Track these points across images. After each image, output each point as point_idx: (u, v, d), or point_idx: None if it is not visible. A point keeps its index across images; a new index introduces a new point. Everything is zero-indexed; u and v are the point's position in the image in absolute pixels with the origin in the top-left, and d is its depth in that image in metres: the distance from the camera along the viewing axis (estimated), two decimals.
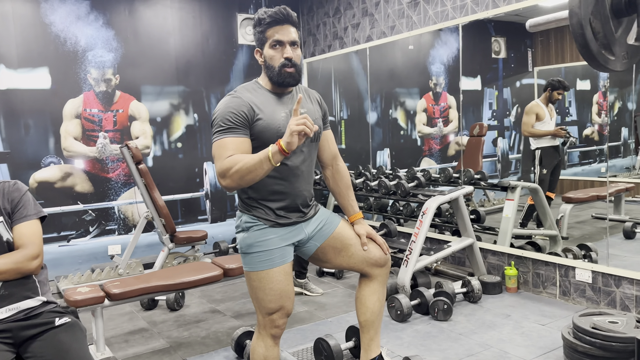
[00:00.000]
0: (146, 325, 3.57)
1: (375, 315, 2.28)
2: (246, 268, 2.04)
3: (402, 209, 5.13)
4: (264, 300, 2.01)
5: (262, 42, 2.00)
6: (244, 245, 2.02)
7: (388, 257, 2.27)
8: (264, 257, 1.99)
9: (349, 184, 2.31)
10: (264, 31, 1.98)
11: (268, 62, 1.99)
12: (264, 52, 2.00)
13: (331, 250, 2.18)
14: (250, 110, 1.93)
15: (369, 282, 2.27)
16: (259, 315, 2.07)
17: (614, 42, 1.68)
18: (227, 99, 1.97)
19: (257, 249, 1.99)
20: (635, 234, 4.21)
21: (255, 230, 2.00)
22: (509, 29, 5.23)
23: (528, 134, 4.61)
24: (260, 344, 2.07)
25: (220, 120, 1.90)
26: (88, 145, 4.84)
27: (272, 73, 1.98)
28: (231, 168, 1.79)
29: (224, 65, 5.56)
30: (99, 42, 4.85)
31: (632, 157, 4.90)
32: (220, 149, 1.86)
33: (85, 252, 4.85)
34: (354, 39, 5.33)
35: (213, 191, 5.56)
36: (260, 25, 1.99)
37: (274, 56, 1.96)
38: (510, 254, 3.99)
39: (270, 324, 2.04)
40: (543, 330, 3.15)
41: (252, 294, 2.05)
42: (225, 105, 1.94)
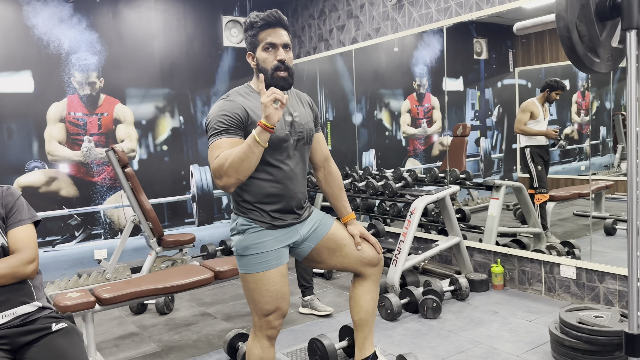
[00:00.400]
0: (136, 329, 3.55)
1: (369, 314, 2.31)
2: (242, 270, 2.05)
3: (389, 209, 5.18)
4: (260, 302, 2.02)
5: (255, 46, 2.01)
6: (240, 248, 2.03)
7: (381, 256, 2.30)
8: (260, 259, 2.00)
9: (341, 186, 2.34)
10: (256, 34, 1.99)
11: (261, 65, 1.99)
12: (257, 56, 2.01)
13: (325, 251, 2.21)
14: (244, 113, 1.94)
15: (362, 282, 2.30)
16: (254, 316, 2.08)
17: (598, 45, 1.73)
18: (220, 103, 1.98)
19: (253, 251, 2.00)
20: (615, 230, 4.32)
21: (251, 232, 2.01)
22: (491, 31, 5.32)
23: (520, 132, 4.65)
24: (256, 345, 2.09)
25: (214, 124, 1.91)
26: (73, 149, 4.80)
27: (266, 74, 1.98)
28: (224, 164, 1.80)
29: (209, 68, 5.55)
30: (82, 45, 4.81)
31: (610, 155, 5.02)
32: (214, 150, 1.87)
33: (71, 257, 4.81)
34: (339, 40, 5.37)
35: (200, 194, 5.55)
36: (252, 29, 2.00)
37: (267, 59, 1.97)
38: (496, 252, 4.06)
39: (267, 325, 2.06)
40: (530, 326, 3.22)
41: (248, 296, 2.06)
42: (219, 108, 1.95)
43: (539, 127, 4.56)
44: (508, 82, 5.19)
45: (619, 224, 4.33)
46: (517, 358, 2.81)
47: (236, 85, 5.98)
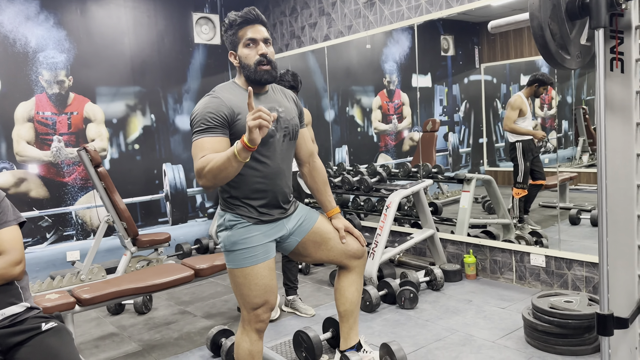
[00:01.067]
0: (115, 330, 3.52)
1: (354, 305, 2.38)
2: (230, 265, 2.08)
3: (363, 204, 5.26)
4: (249, 296, 2.06)
5: (235, 44, 2.05)
6: (228, 243, 2.05)
7: (365, 248, 2.37)
8: (248, 253, 2.04)
9: (325, 180, 2.39)
10: (236, 32, 2.03)
11: (244, 62, 2.02)
12: (239, 53, 2.04)
13: (311, 245, 2.26)
14: (230, 110, 1.95)
15: (347, 274, 2.36)
16: (243, 311, 2.11)
17: (569, 42, 1.81)
18: (206, 100, 1.99)
19: (241, 246, 2.03)
20: (580, 220, 4.51)
21: (239, 228, 2.04)
22: (457, 28, 5.45)
23: (509, 130, 4.72)
24: (245, 339, 2.12)
25: (199, 121, 1.92)
26: (42, 149, 4.70)
27: (249, 72, 2.01)
28: (204, 167, 1.82)
29: (181, 65, 5.51)
30: (50, 43, 4.71)
31: (572, 148, 5.23)
32: (197, 149, 1.89)
33: (42, 260, 4.71)
34: (311, 37, 5.41)
35: (173, 193, 5.51)
36: (231, 28, 2.04)
37: (249, 54, 2.00)
38: (468, 243, 4.19)
39: (255, 319, 2.09)
40: (503, 313, 3.34)
41: (237, 290, 2.09)
42: (204, 105, 1.96)
43: (527, 124, 4.66)
44: (474, 78, 5.34)
45: (583, 214, 4.53)
46: (492, 344, 2.92)
47: (208, 82, 5.95)
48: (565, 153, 5.18)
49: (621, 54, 1.69)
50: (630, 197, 1.64)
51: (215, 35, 5.73)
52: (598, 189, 1.58)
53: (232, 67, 5.87)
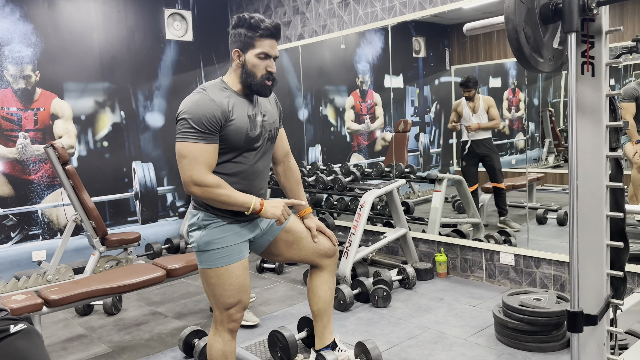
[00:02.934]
0: (84, 331, 3.44)
1: (327, 303, 2.38)
2: (203, 266, 2.05)
3: (337, 203, 5.28)
4: (223, 296, 2.04)
5: (247, 47, 1.98)
6: (201, 243, 2.03)
7: (336, 248, 2.39)
8: (222, 253, 2.02)
9: (299, 180, 2.39)
10: (253, 37, 1.96)
11: (250, 69, 1.99)
12: (247, 57, 1.99)
13: (283, 244, 2.26)
14: (224, 114, 1.92)
15: (319, 273, 2.37)
16: (215, 311, 2.09)
17: (542, 46, 1.86)
18: (198, 98, 1.92)
19: (215, 245, 2.01)
20: (546, 219, 4.63)
21: (214, 227, 2.02)
22: (429, 29, 5.52)
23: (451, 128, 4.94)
24: (217, 340, 2.10)
25: (194, 123, 1.87)
26: (7, 146, 4.55)
27: (252, 80, 1.99)
28: (211, 187, 1.89)
29: (151, 61, 5.42)
30: (15, 37, 4.56)
31: (539, 149, 5.36)
32: (195, 154, 1.87)
33: (6, 260, 4.56)
34: (285, 36, 5.40)
35: (143, 191, 5.41)
36: (251, 30, 1.96)
37: (258, 66, 1.98)
38: (439, 242, 4.25)
39: (228, 319, 2.08)
40: (474, 311, 3.40)
41: (209, 290, 2.07)
42: (197, 105, 1.90)
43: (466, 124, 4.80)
44: (445, 79, 5.42)
45: (550, 214, 4.65)
46: (464, 341, 2.97)
47: (180, 79, 5.87)
48: (532, 154, 5.31)
49: (592, 58, 1.74)
50: (600, 197, 1.68)
51: (188, 31, 5.65)
52: (569, 190, 1.62)
53: (205, 64, 5.80)
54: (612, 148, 1.71)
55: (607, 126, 1.67)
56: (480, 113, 4.78)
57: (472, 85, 4.73)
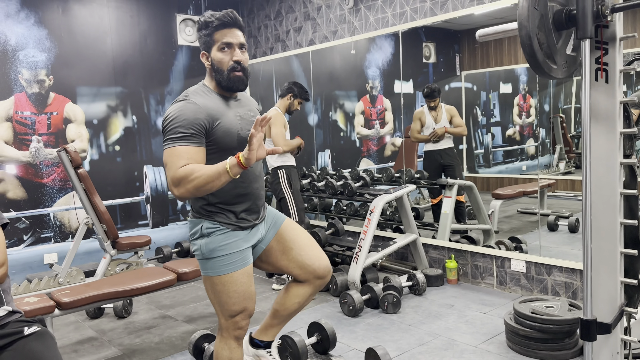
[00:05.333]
0: (94, 334, 3.46)
1: (288, 314, 2.30)
2: (208, 273, 2.02)
3: (346, 208, 5.27)
4: (228, 304, 2.01)
5: (209, 45, 1.96)
6: (206, 251, 1.99)
7: (330, 269, 2.27)
8: (227, 260, 1.99)
9: None
10: (211, 34, 1.95)
11: (216, 66, 1.96)
12: (212, 56, 1.96)
13: (275, 252, 2.21)
14: (208, 118, 1.89)
15: (301, 285, 2.26)
16: (221, 318, 2.07)
17: (555, 52, 1.85)
18: (181, 105, 1.89)
19: (220, 253, 1.98)
20: (558, 226, 4.60)
21: (218, 235, 1.99)
22: (439, 35, 5.52)
23: (414, 139, 4.97)
24: (224, 347, 2.08)
25: (175, 128, 1.83)
26: (20, 149, 4.60)
27: (221, 77, 1.96)
28: (186, 178, 1.76)
29: (163, 66, 5.46)
30: (30, 42, 4.62)
31: (549, 155, 5.33)
32: (174, 157, 1.81)
33: (19, 262, 4.61)
34: (296, 42, 5.42)
35: (154, 195, 5.45)
36: (207, 28, 1.95)
37: (223, 59, 1.95)
38: (450, 248, 4.23)
39: (234, 326, 2.05)
40: (485, 318, 3.38)
41: (215, 298, 2.04)
42: (179, 111, 1.87)
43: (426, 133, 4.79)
44: (455, 85, 5.40)
45: (561, 220, 4.62)
46: (475, 348, 2.95)
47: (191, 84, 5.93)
48: (543, 160, 5.28)
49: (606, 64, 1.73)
50: (614, 204, 1.67)
51: None
52: (583, 197, 1.61)
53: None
54: (626, 155, 1.70)
55: (621, 133, 1.66)
56: (443, 122, 4.78)
57: (437, 95, 4.80)
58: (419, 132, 4.83)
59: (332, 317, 3.51)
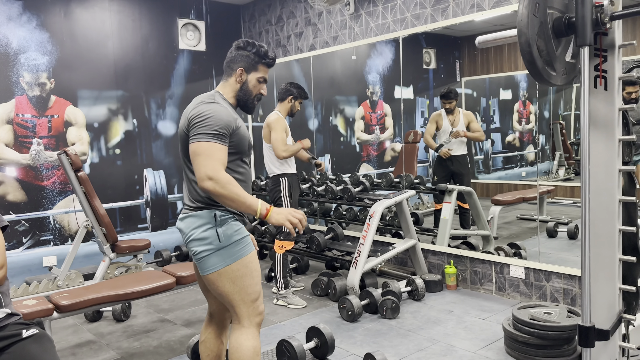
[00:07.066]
0: (93, 337, 3.46)
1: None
2: (227, 262, 2.03)
3: (345, 213, 5.28)
4: (251, 285, 2.06)
5: (251, 69, 2.18)
6: (224, 238, 2.03)
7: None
8: (245, 242, 2.08)
9: None
10: (259, 63, 2.18)
11: (248, 88, 2.19)
12: (248, 78, 2.18)
13: None
14: (234, 123, 2.07)
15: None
16: (242, 308, 2.07)
17: (555, 59, 1.86)
18: (216, 107, 2.05)
19: (238, 236, 2.06)
20: (557, 232, 4.60)
21: (231, 221, 2.07)
22: (439, 41, 5.54)
23: (425, 142, 4.96)
24: (247, 337, 2.07)
25: (212, 124, 1.99)
26: (21, 152, 4.61)
27: (247, 98, 2.20)
28: (225, 183, 1.93)
29: (165, 70, 5.48)
30: (32, 45, 4.64)
31: (549, 162, 5.34)
32: (213, 151, 1.97)
33: (18, 265, 4.60)
34: (297, 47, 5.44)
35: (154, 199, 5.45)
36: (257, 56, 2.17)
37: (256, 87, 2.21)
38: (449, 254, 4.23)
39: (255, 312, 2.09)
40: (484, 324, 3.38)
41: (234, 287, 2.05)
42: (216, 112, 2.02)
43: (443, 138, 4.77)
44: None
45: (560, 227, 4.62)
46: (473, 354, 2.95)
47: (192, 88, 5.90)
48: (543, 167, 5.28)
49: (605, 71, 1.74)
50: (612, 211, 1.68)
51: (200, 41, 5.71)
52: (581, 203, 1.61)
53: (217, 74, 5.86)
54: (624, 162, 1.71)
55: (619, 140, 1.67)
56: (460, 127, 4.75)
57: (453, 97, 4.72)
58: (432, 135, 4.81)
59: (331, 322, 3.51)
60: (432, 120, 4.85)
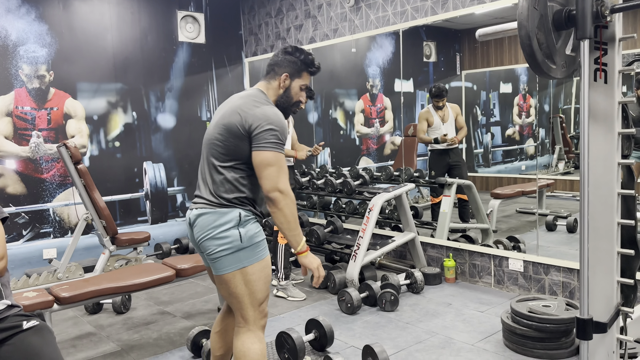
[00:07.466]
0: (93, 329, 3.47)
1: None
2: (244, 264, 2.00)
3: (345, 206, 5.28)
4: (261, 290, 2.05)
5: (296, 75, 2.18)
6: (246, 239, 2.00)
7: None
8: (263, 244, 2.08)
9: None
10: (305, 70, 2.19)
11: (290, 94, 2.18)
12: (292, 84, 2.18)
13: None
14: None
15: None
16: (249, 311, 2.05)
17: (555, 52, 1.85)
18: (278, 112, 2.06)
19: (258, 238, 2.05)
20: (556, 226, 4.61)
21: (252, 222, 2.06)
22: (440, 34, 5.52)
23: (420, 140, 4.96)
24: (254, 341, 2.06)
25: (282, 134, 2.02)
26: (20, 144, 4.61)
27: (287, 103, 2.18)
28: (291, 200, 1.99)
29: (164, 63, 5.46)
30: (31, 37, 4.62)
31: (549, 155, 5.34)
32: (283, 164, 2.01)
33: (18, 257, 4.61)
34: (297, 39, 5.42)
35: (153, 191, 5.45)
36: (305, 64, 2.18)
37: (298, 94, 2.21)
38: (448, 247, 4.24)
39: (261, 315, 2.08)
40: (482, 317, 3.39)
41: (249, 288, 2.02)
42: (280, 118, 2.04)
43: (436, 134, 4.78)
44: (455, 84, 5.40)
45: (559, 220, 4.63)
46: (471, 347, 2.96)
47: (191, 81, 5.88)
48: (542, 160, 5.28)
49: (605, 65, 1.74)
50: (611, 204, 1.68)
51: (200, 33, 5.70)
52: (580, 197, 1.61)
53: (217, 66, 5.84)
54: (624, 155, 1.71)
55: (619, 133, 1.67)
56: (450, 122, 4.77)
57: (445, 95, 4.79)
58: (425, 132, 4.82)
59: (330, 314, 3.52)
60: (421, 119, 4.87)
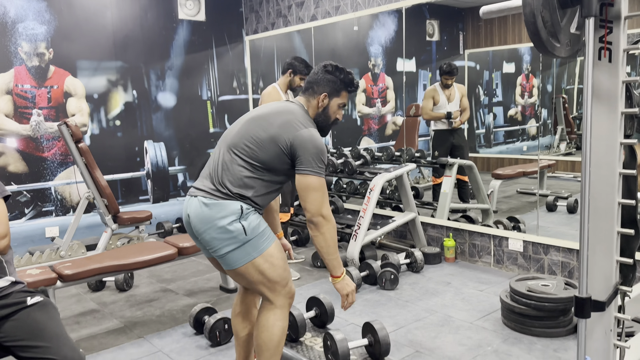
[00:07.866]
0: (96, 306, 3.51)
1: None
2: (253, 255, 2.00)
3: (346, 186, 5.29)
4: (280, 274, 2.06)
5: (334, 94, 2.15)
6: (250, 230, 1.99)
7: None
8: (268, 231, 2.08)
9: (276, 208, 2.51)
10: (343, 89, 2.16)
11: (327, 112, 2.17)
12: (331, 103, 2.15)
13: None
14: None
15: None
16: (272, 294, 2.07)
17: (559, 30, 1.84)
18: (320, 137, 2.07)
19: (261, 227, 2.04)
20: (556, 207, 4.62)
21: (253, 214, 2.04)
22: (443, 12, 5.46)
23: (427, 117, 4.92)
24: (278, 317, 2.09)
25: (324, 160, 2.04)
26: (21, 122, 4.59)
27: (325, 122, 2.17)
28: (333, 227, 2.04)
29: (164, 41, 5.42)
30: (30, 14, 4.57)
31: (551, 136, 5.33)
32: (324, 188, 2.03)
33: (20, 235, 4.64)
34: (298, 17, 5.36)
35: (154, 171, 5.45)
36: (344, 83, 2.14)
37: (336, 112, 2.19)
38: (448, 227, 4.25)
39: (288, 293, 2.11)
40: (481, 296, 3.42)
41: (265, 276, 2.04)
42: (322, 144, 2.05)
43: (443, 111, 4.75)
44: (458, 63, 5.36)
45: (560, 201, 4.64)
46: (470, 325, 3.00)
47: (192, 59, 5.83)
48: (544, 141, 5.27)
49: (609, 43, 1.72)
50: (612, 184, 1.68)
51: (200, 11, 5.63)
52: (582, 176, 1.61)
53: (217, 44, 5.79)
54: (626, 135, 1.70)
55: (622, 113, 1.66)
56: (455, 101, 4.75)
57: (456, 73, 4.74)
58: (431, 110, 4.79)
59: (331, 292, 3.55)
60: (427, 97, 4.81)
